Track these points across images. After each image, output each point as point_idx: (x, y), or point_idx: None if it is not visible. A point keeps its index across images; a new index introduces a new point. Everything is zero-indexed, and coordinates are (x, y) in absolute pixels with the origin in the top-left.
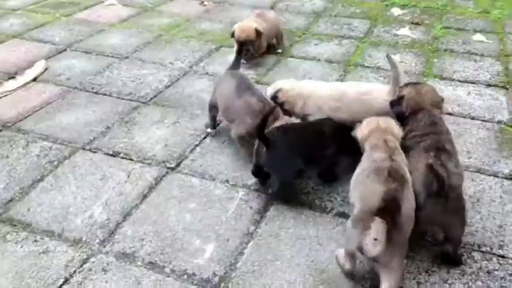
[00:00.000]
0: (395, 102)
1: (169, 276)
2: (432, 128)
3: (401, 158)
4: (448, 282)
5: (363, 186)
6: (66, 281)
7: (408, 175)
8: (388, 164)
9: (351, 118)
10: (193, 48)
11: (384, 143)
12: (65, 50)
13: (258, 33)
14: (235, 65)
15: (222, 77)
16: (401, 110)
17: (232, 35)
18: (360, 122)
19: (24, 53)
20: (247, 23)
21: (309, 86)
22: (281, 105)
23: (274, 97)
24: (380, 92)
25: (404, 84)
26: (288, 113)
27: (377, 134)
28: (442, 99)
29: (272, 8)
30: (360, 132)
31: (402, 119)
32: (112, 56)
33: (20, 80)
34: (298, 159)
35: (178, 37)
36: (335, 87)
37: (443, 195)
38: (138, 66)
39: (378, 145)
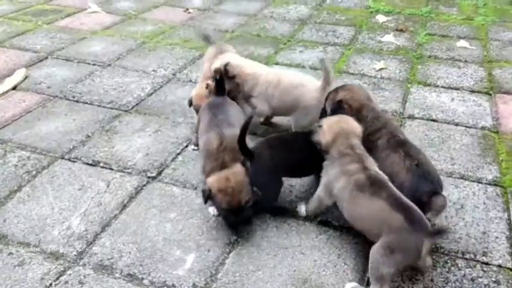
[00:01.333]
0: (336, 108)
1: None
2: (380, 120)
3: (370, 160)
4: None
5: (360, 209)
6: None
7: (383, 175)
8: (364, 175)
9: (279, 108)
10: (176, 56)
11: (352, 151)
12: (47, 58)
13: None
14: (219, 91)
15: (204, 106)
16: (345, 114)
17: (190, 104)
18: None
19: (4, 61)
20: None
21: (258, 67)
22: (230, 78)
23: (225, 70)
24: (310, 88)
25: (333, 90)
26: (235, 89)
27: (341, 139)
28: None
29: (255, 15)
30: (323, 137)
31: None
32: (94, 64)
33: None
34: (287, 172)
35: (162, 44)
36: (275, 74)
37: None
38: (121, 74)
39: (347, 153)
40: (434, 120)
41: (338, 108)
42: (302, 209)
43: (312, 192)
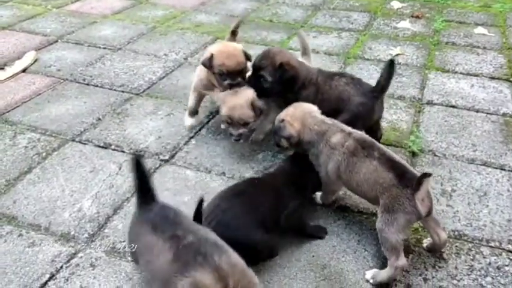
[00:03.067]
0: (281, 72)
1: None
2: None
3: (344, 125)
4: (456, 278)
5: (357, 174)
6: (52, 276)
7: (367, 135)
8: (352, 140)
9: None
10: (188, 40)
11: (325, 125)
12: (56, 41)
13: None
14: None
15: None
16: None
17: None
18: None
19: (14, 44)
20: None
21: None
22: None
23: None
24: None
25: (259, 58)
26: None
27: (309, 120)
28: None
29: (267, 0)
30: (292, 128)
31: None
32: (105, 48)
33: (9, 70)
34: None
35: (173, 29)
36: None
37: None
38: (131, 58)
39: (322, 130)
40: (453, 107)
41: (283, 72)
42: (318, 197)
43: None
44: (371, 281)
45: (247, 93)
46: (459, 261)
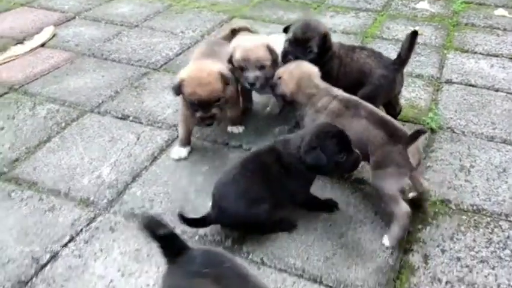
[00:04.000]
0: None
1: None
2: None
3: (336, 89)
4: (474, 250)
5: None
6: (72, 239)
7: (353, 96)
8: (336, 101)
9: None
10: (204, 18)
11: (317, 89)
12: (74, 18)
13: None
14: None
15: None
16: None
17: (178, 93)
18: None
19: (32, 20)
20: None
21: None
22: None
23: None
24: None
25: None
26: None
27: (305, 82)
28: None
29: None
30: (286, 87)
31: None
32: (122, 25)
33: (28, 45)
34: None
35: (189, 7)
36: None
37: None
38: (148, 35)
39: (313, 93)
40: (472, 86)
41: (326, 43)
42: None
43: None
44: (389, 243)
45: (262, 38)
46: (477, 234)
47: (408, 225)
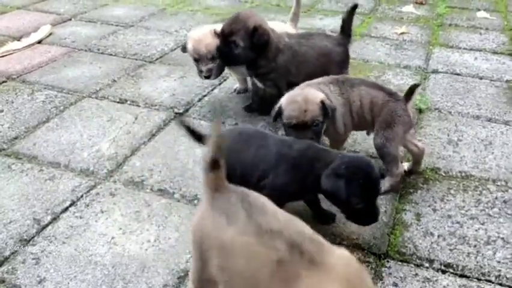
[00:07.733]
0: (258, 36)
1: (179, 201)
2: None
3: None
4: (464, 209)
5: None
6: (73, 203)
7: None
8: (329, 79)
9: None
10: (198, 20)
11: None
12: (70, 19)
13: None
14: None
15: None
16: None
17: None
18: None
19: (29, 20)
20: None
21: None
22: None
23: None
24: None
25: (229, 23)
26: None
27: None
28: None
29: None
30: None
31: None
32: (117, 25)
33: (25, 41)
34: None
35: (183, 10)
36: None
37: None
38: (144, 33)
39: None
40: (458, 74)
41: (257, 37)
42: None
43: None
44: None
45: (211, 26)
46: (466, 195)
47: (399, 185)
